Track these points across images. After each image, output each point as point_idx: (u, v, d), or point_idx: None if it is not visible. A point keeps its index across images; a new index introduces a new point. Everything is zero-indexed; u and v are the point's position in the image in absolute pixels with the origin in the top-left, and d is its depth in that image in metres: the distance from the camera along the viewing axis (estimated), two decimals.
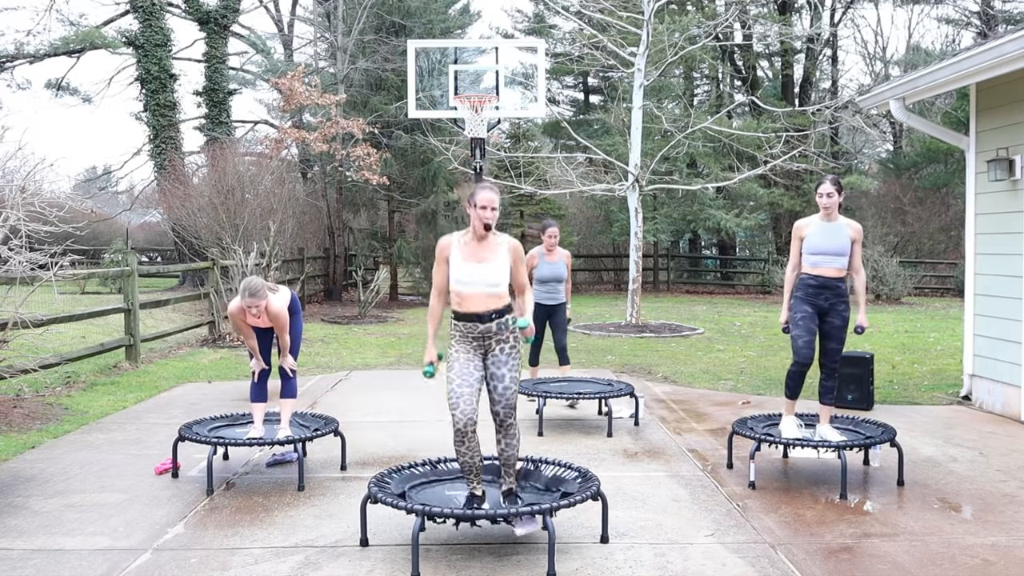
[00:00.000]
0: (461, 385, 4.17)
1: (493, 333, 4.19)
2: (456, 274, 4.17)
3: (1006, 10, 28.49)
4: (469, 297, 4.15)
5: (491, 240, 4.22)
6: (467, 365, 4.19)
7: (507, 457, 4.28)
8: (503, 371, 4.18)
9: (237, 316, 5.34)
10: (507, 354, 4.19)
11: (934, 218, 24.20)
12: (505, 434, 4.23)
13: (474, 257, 4.18)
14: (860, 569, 3.93)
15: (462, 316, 4.19)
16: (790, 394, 5.46)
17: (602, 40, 15.66)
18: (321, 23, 23.05)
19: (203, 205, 14.65)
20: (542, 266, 7.50)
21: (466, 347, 4.21)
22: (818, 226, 5.41)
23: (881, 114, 22.42)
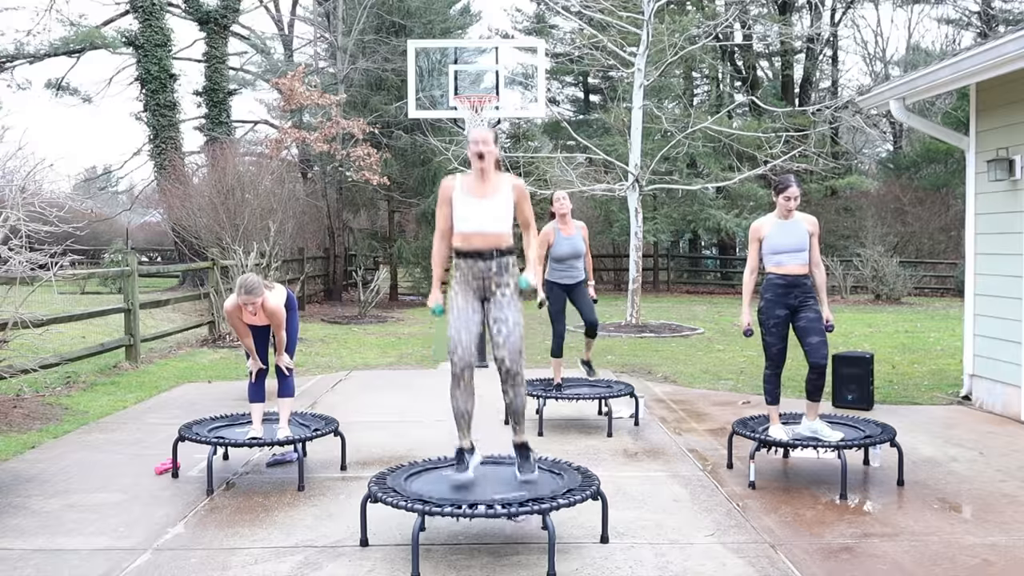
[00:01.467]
0: (460, 329, 4.20)
1: (494, 272, 4.20)
2: (459, 211, 4.21)
3: (1006, 10, 28.50)
4: (472, 234, 4.19)
5: (494, 179, 4.27)
6: (466, 309, 4.22)
7: (517, 407, 4.23)
8: (506, 313, 4.17)
9: (233, 314, 5.33)
10: (508, 297, 4.21)
11: (934, 218, 24.20)
12: (513, 382, 4.16)
13: (477, 193, 4.23)
14: (860, 569, 3.93)
15: (464, 253, 4.22)
16: (770, 399, 5.45)
17: (602, 40, 15.66)
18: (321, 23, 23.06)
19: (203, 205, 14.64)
20: (559, 242, 6.89)
21: (466, 290, 4.23)
22: (776, 225, 5.37)
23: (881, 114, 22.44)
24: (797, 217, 5.39)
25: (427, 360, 10.72)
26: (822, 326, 5.35)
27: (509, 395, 4.24)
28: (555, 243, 6.89)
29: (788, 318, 5.37)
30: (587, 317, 7.04)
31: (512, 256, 4.29)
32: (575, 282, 6.99)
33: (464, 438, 4.34)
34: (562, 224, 6.94)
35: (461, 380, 4.22)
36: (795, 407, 6.68)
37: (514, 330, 4.16)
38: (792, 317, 5.38)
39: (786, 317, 5.36)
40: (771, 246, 5.35)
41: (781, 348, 5.37)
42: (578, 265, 6.99)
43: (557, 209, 6.92)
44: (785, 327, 5.36)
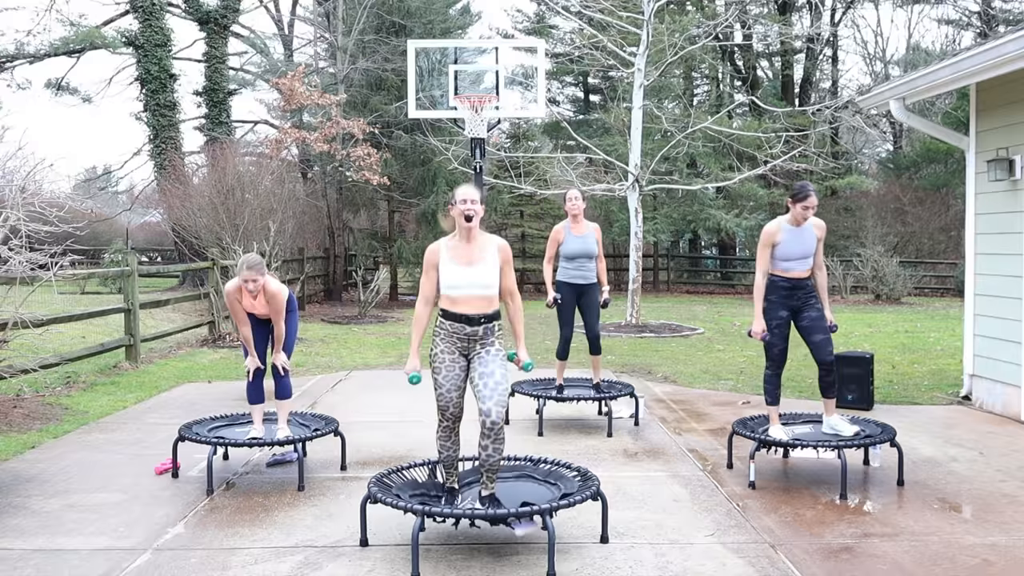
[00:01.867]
0: (450, 390, 4.22)
1: (480, 337, 4.19)
2: (447, 279, 4.16)
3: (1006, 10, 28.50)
4: (460, 300, 4.16)
5: (479, 241, 4.22)
6: (453, 367, 4.21)
7: (493, 463, 4.14)
8: (492, 368, 4.15)
9: (233, 296, 5.30)
10: (493, 355, 4.20)
11: (934, 218, 24.20)
12: (494, 437, 4.08)
13: (464, 260, 4.17)
14: (860, 569, 3.93)
15: (451, 316, 4.18)
16: (771, 400, 5.44)
17: (602, 40, 15.66)
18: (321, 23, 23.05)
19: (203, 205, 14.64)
20: (569, 240, 6.79)
21: (451, 348, 4.21)
22: (789, 232, 5.33)
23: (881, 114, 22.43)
24: (808, 223, 5.37)
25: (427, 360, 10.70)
26: (825, 324, 5.36)
27: (488, 450, 4.12)
28: (565, 241, 6.81)
29: (790, 319, 5.39)
30: (588, 331, 6.94)
31: (499, 320, 4.25)
32: (586, 283, 6.85)
33: (454, 482, 4.40)
34: (574, 223, 6.86)
35: (453, 432, 4.31)
36: (795, 407, 6.68)
37: (501, 382, 4.12)
38: (794, 317, 5.39)
39: (788, 318, 5.37)
40: (783, 253, 5.33)
41: (782, 348, 5.38)
42: (589, 266, 6.85)
43: (569, 209, 6.83)
44: (787, 328, 5.37)
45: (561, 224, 6.91)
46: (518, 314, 4.36)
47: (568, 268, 6.86)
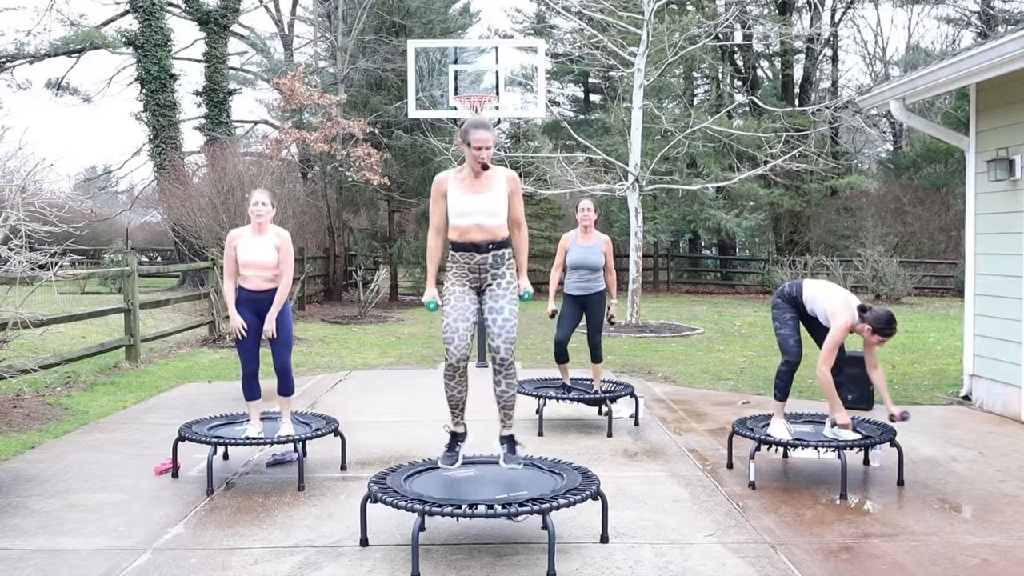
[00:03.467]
0: (457, 320, 4.21)
1: (490, 265, 4.20)
2: (454, 206, 4.19)
3: (1006, 10, 28.50)
4: (468, 228, 4.18)
5: (488, 173, 4.25)
6: (463, 299, 4.22)
7: (507, 399, 4.22)
8: (501, 304, 4.17)
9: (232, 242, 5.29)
10: (504, 288, 4.21)
11: (934, 218, 24.20)
12: (505, 374, 4.15)
13: (472, 188, 4.22)
14: (860, 569, 3.93)
15: (460, 246, 4.21)
16: (780, 395, 5.44)
17: (602, 40, 15.66)
18: (321, 23, 23.05)
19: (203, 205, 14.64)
20: (573, 250, 6.76)
21: (462, 281, 4.24)
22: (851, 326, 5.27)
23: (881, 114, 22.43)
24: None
25: (427, 360, 10.72)
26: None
27: (501, 386, 4.23)
28: (571, 250, 6.78)
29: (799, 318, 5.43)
30: (589, 339, 6.91)
31: (508, 248, 4.29)
32: (587, 294, 6.77)
33: (458, 423, 4.39)
34: (583, 234, 6.80)
35: (457, 370, 4.27)
36: (795, 407, 6.68)
37: (510, 319, 4.18)
38: (805, 320, 5.43)
39: (798, 316, 5.42)
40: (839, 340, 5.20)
41: (798, 339, 5.36)
42: (590, 278, 6.76)
43: (580, 219, 6.77)
44: (798, 321, 5.40)
45: (571, 232, 6.90)
46: (523, 243, 4.40)
47: (570, 279, 6.83)
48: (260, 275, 5.27)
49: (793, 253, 23.00)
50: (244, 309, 5.33)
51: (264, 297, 5.30)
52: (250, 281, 5.29)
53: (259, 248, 5.28)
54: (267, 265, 5.27)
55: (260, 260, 5.27)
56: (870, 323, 5.14)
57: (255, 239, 5.29)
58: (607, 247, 6.82)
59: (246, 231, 5.35)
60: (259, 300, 5.31)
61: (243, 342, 5.34)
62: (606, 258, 6.80)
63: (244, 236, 5.32)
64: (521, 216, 4.36)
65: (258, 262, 5.27)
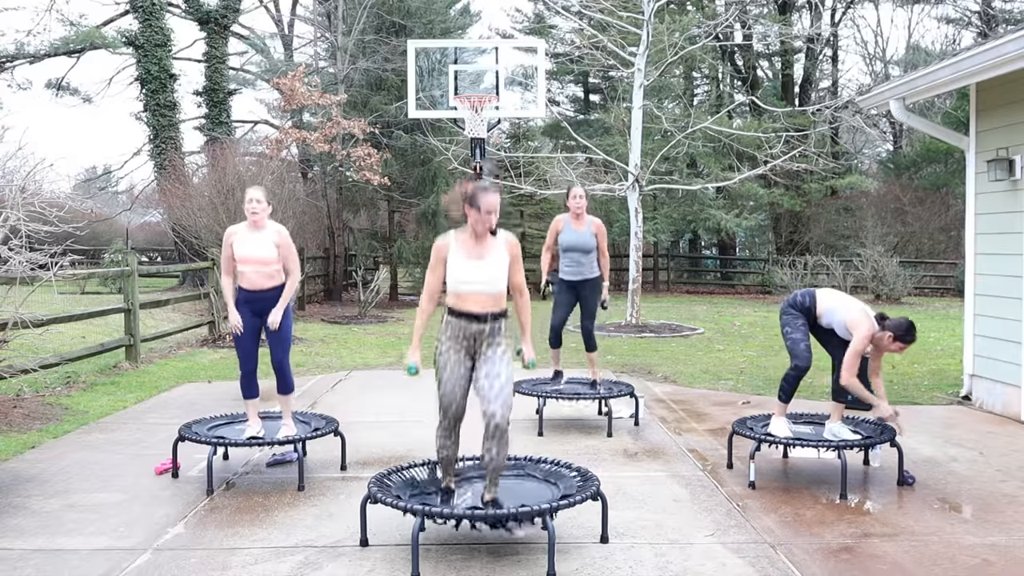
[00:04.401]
0: (454, 388, 4.18)
1: (487, 335, 4.15)
2: (455, 273, 4.13)
3: (1006, 10, 28.50)
4: (468, 296, 4.12)
5: (489, 237, 4.21)
6: (458, 367, 4.17)
7: (496, 465, 4.08)
8: (499, 368, 4.10)
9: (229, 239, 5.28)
10: (500, 355, 4.15)
11: (934, 218, 24.20)
12: (498, 440, 4.04)
13: (473, 255, 4.15)
14: (860, 569, 3.93)
15: (458, 314, 4.15)
16: (784, 398, 5.44)
17: (602, 40, 15.66)
18: (321, 23, 23.05)
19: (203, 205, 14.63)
20: (567, 232, 6.76)
21: (457, 346, 4.17)
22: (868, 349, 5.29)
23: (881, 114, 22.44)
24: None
25: (427, 360, 10.70)
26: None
27: (492, 451, 4.06)
28: (563, 231, 6.80)
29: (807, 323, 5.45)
30: (582, 326, 6.92)
31: (506, 318, 4.20)
32: (581, 279, 6.83)
33: (451, 480, 4.36)
34: (574, 219, 6.85)
35: (453, 432, 4.26)
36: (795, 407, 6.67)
37: (506, 386, 4.08)
38: (814, 328, 5.45)
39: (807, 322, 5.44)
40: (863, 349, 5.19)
41: (808, 344, 5.36)
42: (584, 261, 6.81)
43: (573, 206, 6.82)
44: (807, 326, 5.42)
45: (562, 215, 6.91)
46: (526, 309, 4.33)
47: (564, 263, 6.84)
48: (259, 271, 5.25)
49: (793, 253, 23.00)
50: (243, 308, 5.32)
51: (263, 296, 5.30)
52: (248, 279, 5.28)
53: (256, 244, 5.27)
54: (265, 260, 5.26)
55: (258, 255, 5.25)
56: (891, 331, 5.12)
57: (252, 235, 5.29)
58: (599, 229, 6.86)
59: (242, 227, 5.34)
60: (258, 299, 5.30)
61: (241, 341, 5.34)
62: (598, 240, 6.83)
63: (240, 233, 5.31)
64: (522, 282, 4.28)
65: (256, 257, 5.25)
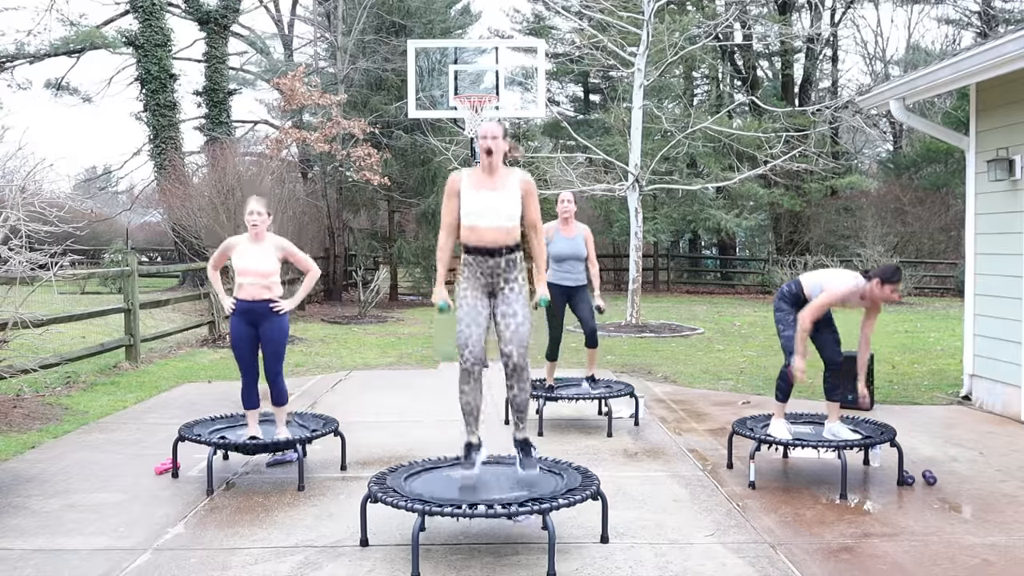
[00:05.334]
0: (471, 325, 4.20)
1: (502, 269, 4.18)
2: (468, 205, 4.17)
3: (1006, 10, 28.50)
4: (480, 229, 4.15)
5: (501, 173, 4.25)
6: (475, 305, 4.21)
7: (520, 402, 4.19)
8: (515, 308, 4.16)
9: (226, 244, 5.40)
10: (516, 292, 4.19)
11: (934, 218, 24.20)
12: (518, 378, 4.12)
13: (485, 187, 4.20)
14: (860, 569, 3.93)
15: (473, 249, 4.19)
16: (781, 397, 5.43)
17: (602, 40, 15.66)
18: (321, 23, 23.06)
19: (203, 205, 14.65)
20: (557, 241, 6.72)
21: (474, 285, 4.22)
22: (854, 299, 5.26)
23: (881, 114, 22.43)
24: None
25: (427, 360, 10.72)
26: (835, 327, 5.40)
27: (514, 390, 4.20)
28: (553, 241, 6.75)
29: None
30: (585, 325, 6.89)
31: (520, 252, 4.26)
32: (575, 285, 6.81)
33: (472, 433, 4.35)
34: (563, 225, 6.81)
35: (471, 376, 4.23)
36: (795, 407, 6.67)
37: (523, 324, 4.16)
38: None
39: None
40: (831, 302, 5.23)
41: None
42: (578, 267, 6.80)
43: (561, 211, 6.79)
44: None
45: (551, 223, 6.83)
46: (541, 248, 4.37)
47: (556, 270, 6.80)
48: (257, 283, 5.27)
49: (793, 253, 23.00)
50: (239, 319, 5.33)
51: (259, 307, 5.29)
52: (246, 290, 5.29)
53: (256, 256, 5.29)
54: (265, 273, 5.28)
55: (257, 268, 5.28)
56: (877, 276, 5.10)
57: (252, 247, 5.32)
58: (589, 236, 6.85)
59: (243, 239, 5.36)
60: (254, 310, 5.30)
61: (239, 353, 5.34)
62: (588, 248, 6.82)
63: (241, 245, 5.34)
64: (537, 219, 4.31)
65: (255, 269, 5.28)
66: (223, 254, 5.43)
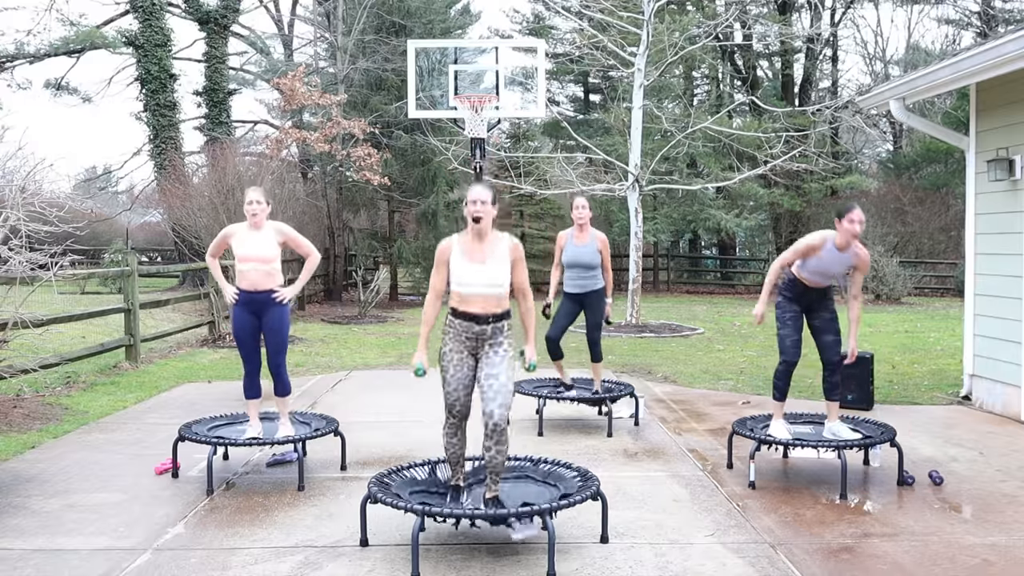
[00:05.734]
0: (458, 388, 4.25)
1: (488, 336, 4.21)
2: (457, 275, 4.19)
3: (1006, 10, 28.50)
4: (470, 298, 4.17)
5: (491, 240, 4.24)
6: (461, 367, 4.24)
7: (496, 464, 4.13)
8: (498, 370, 4.17)
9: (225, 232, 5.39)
10: (501, 356, 4.21)
11: (934, 218, 24.20)
12: (497, 440, 4.09)
13: (475, 257, 4.20)
14: (860, 569, 3.93)
15: (460, 315, 4.21)
16: (779, 395, 5.44)
17: (602, 40, 15.66)
18: (321, 23, 23.06)
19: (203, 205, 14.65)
20: (569, 249, 6.74)
21: (459, 347, 4.24)
22: (832, 251, 5.23)
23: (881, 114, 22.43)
24: (850, 252, 5.27)
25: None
26: (837, 327, 5.38)
27: (492, 451, 4.12)
28: (565, 249, 6.78)
29: (803, 314, 5.41)
30: (588, 336, 6.88)
31: (508, 319, 4.26)
32: (584, 292, 6.76)
33: (458, 478, 4.40)
34: (578, 232, 6.79)
35: (458, 428, 4.32)
36: (796, 407, 6.68)
37: (507, 384, 4.14)
38: (808, 315, 5.41)
39: (801, 312, 5.41)
40: (818, 267, 5.26)
41: (796, 340, 5.35)
42: (587, 275, 6.76)
43: (575, 217, 6.77)
44: (800, 320, 5.39)
45: (566, 231, 6.87)
46: (530, 312, 4.37)
47: (567, 277, 6.82)
48: (258, 269, 5.28)
49: None
50: (241, 310, 5.33)
51: (261, 297, 5.31)
52: (247, 278, 5.29)
53: (256, 242, 5.32)
54: (265, 258, 5.29)
55: (258, 254, 5.29)
56: (838, 214, 5.20)
57: (251, 235, 5.33)
58: (603, 245, 6.80)
59: (242, 227, 5.38)
60: (256, 300, 5.32)
61: (242, 342, 5.37)
62: (602, 256, 6.78)
63: (240, 233, 5.36)
64: (526, 285, 4.32)
65: (256, 255, 5.29)
66: (222, 242, 5.47)
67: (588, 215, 6.79)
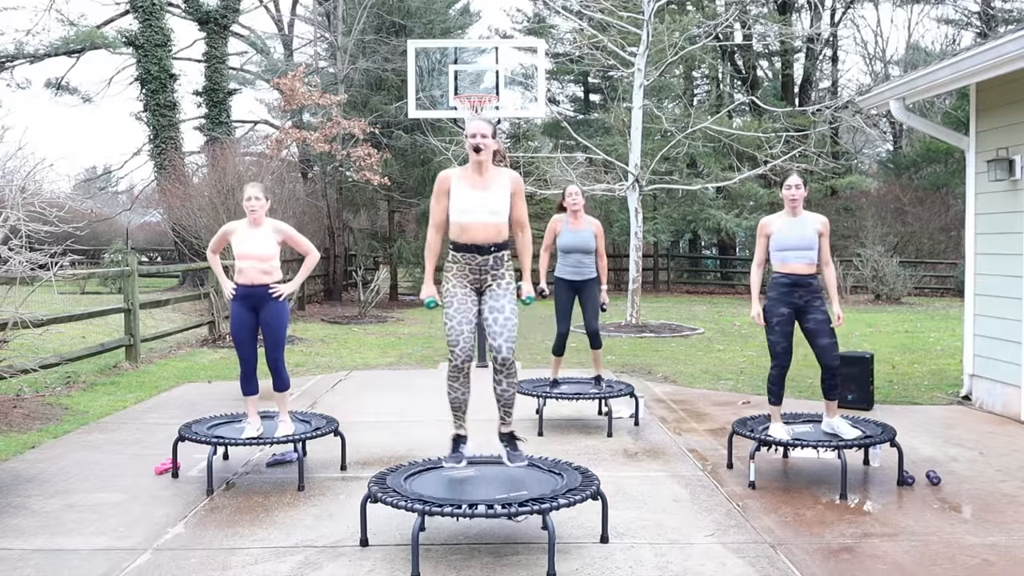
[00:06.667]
0: (461, 322, 4.27)
1: (491, 266, 4.23)
2: (457, 203, 4.23)
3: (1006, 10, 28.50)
4: (470, 226, 4.21)
5: (491, 172, 4.31)
6: (465, 301, 4.27)
7: (507, 398, 4.26)
8: (502, 303, 4.22)
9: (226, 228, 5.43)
10: (504, 288, 4.25)
11: (934, 218, 24.20)
12: (506, 373, 4.20)
13: (475, 185, 4.25)
14: (860, 569, 3.93)
15: (461, 247, 4.25)
16: (774, 400, 5.40)
17: (602, 40, 15.66)
18: (321, 23, 23.06)
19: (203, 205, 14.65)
20: (565, 234, 6.72)
21: (463, 282, 4.28)
22: (784, 222, 5.39)
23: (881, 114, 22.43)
24: (806, 216, 5.39)
25: (427, 360, 10.72)
26: (831, 327, 5.32)
27: (502, 384, 4.28)
28: (561, 234, 6.77)
29: (792, 317, 5.32)
30: (587, 326, 6.88)
31: (508, 250, 4.34)
32: (582, 279, 6.80)
33: (460, 426, 4.44)
34: (573, 219, 6.81)
35: (461, 371, 4.33)
36: (795, 407, 6.68)
37: (511, 318, 4.24)
38: (799, 317, 5.34)
39: (790, 315, 5.32)
40: (778, 243, 5.36)
41: (786, 347, 5.32)
42: (586, 261, 6.78)
43: (569, 205, 6.78)
44: (789, 325, 5.32)
45: (560, 216, 6.86)
46: (527, 246, 4.44)
47: (564, 264, 6.83)
48: (256, 267, 5.29)
49: None
50: (239, 305, 5.35)
51: (259, 292, 5.32)
52: (245, 274, 5.31)
53: (255, 240, 5.32)
54: (264, 256, 5.31)
55: (256, 251, 5.30)
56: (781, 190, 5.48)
57: (251, 231, 5.35)
58: (599, 231, 6.84)
59: (242, 224, 5.39)
60: (254, 295, 5.33)
61: (239, 339, 5.37)
62: (597, 242, 6.81)
63: (240, 230, 5.37)
64: (524, 217, 4.40)
65: (255, 253, 5.30)
66: (222, 238, 5.50)
67: (582, 202, 6.82)
